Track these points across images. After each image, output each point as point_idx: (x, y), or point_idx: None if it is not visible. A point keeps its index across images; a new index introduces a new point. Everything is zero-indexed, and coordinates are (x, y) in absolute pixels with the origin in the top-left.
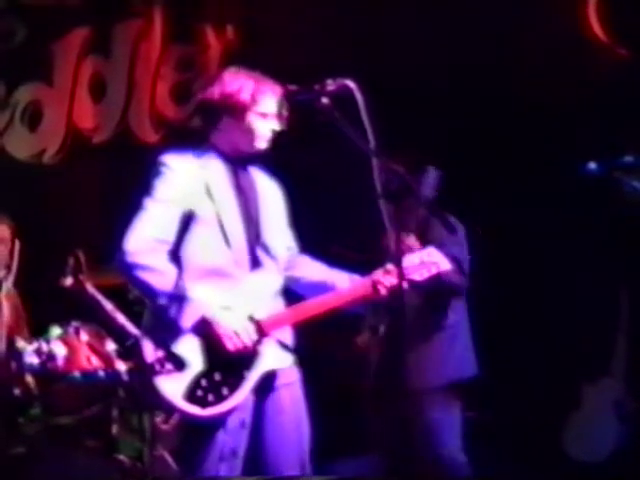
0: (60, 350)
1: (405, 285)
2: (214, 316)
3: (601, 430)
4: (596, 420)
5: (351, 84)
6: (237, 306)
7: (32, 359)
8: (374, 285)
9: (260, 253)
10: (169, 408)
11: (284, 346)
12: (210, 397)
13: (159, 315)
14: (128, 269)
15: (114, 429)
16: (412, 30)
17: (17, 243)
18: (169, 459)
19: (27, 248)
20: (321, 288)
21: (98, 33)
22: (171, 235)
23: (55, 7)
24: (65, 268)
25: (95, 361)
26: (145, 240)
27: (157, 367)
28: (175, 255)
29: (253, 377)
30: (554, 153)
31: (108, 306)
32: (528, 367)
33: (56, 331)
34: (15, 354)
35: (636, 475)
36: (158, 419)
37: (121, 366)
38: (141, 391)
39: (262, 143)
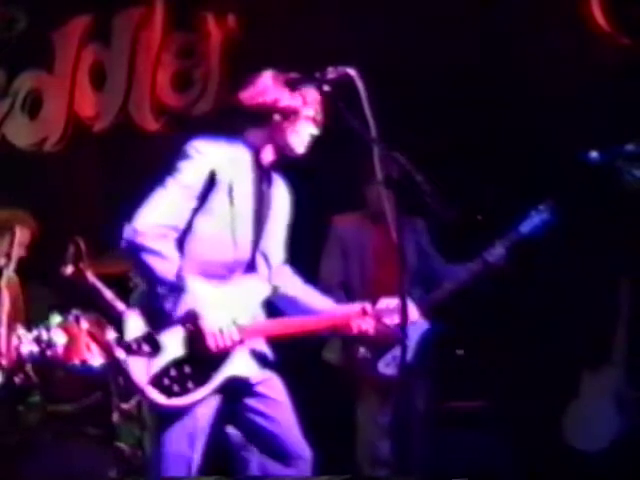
0: (60, 338)
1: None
2: (202, 311)
3: (601, 419)
4: (596, 409)
5: (352, 72)
6: (225, 305)
7: (32, 347)
8: (350, 321)
9: (258, 259)
10: (133, 389)
11: (258, 356)
12: (175, 388)
13: (151, 299)
14: (135, 250)
15: (114, 417)
16: (414, 19)
17: (17, 231)
18: None
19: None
20: (304, 310)
21: (99, 21)
22: (182, 222)
23: None
24: (66, 256)
25: (95, 349)
26: (157, 224)
27: (134, 346)
28: (180, 242)
29: (219, 378)
30: (556, 142)
31: (108, 294)
32: (528, 355)
33: (56, 319)
34: (15, 342)
35: (636, 464)
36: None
37: (121, 354)
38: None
39: (302, 148)
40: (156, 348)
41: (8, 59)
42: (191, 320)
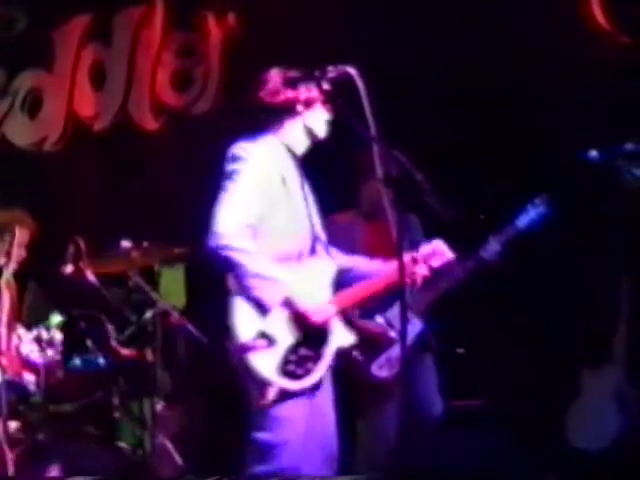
0: (60, 337)
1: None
2: (294, 294)
3: (602, 417)
4: (597, 407)
5: (352, 71)
6: (307, 287)
7: (32, 346)
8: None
9: (317, 242)
10: (264, 383)
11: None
12: (299, 371)
13: (246, 292)
14: (222, 251)
15: (115, 416)
16: (413, 18)
17: (17, 231)
18: (170, 446)
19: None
20: (362, 277)
21: (99, 20)
22: (255, 219)
23: None
24: (65, 255)
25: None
26: (236, 224)
27: (251, 345)
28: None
29: (330, 352)
30: (555, 140)
31: (108, 294)
32: (529, 354)
33: (56, 318)
34: (15, 341)
35: (637, 462)
36: (159, 406)
37: (121, 354)
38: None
39: (323, 132)
40: (270, 341)
41: (8, 58)
42: (288, 305)
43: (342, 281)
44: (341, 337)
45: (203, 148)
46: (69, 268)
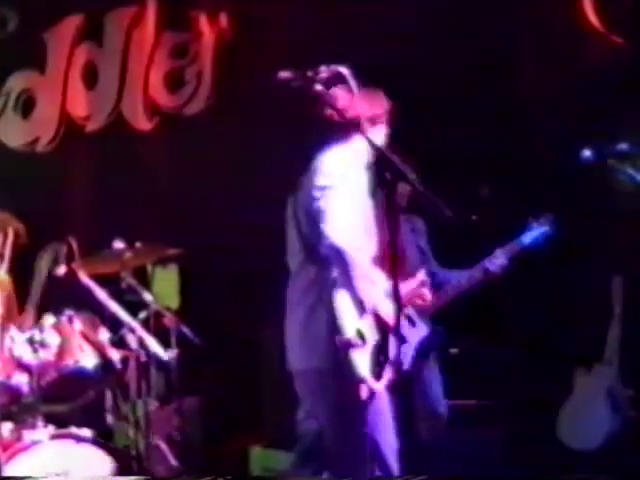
0: (53, 338)
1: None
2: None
3: (594, 417)
4: (589, 407)
5: (344, 70)
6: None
7: (25, 347)
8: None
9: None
10: (359, 381)
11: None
12: (382, 372)
13: (352, 293)
14: (337, 248)
15: (108, 418)
16: (408, 18)
17: (10, 231)
18: (164, 447)
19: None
20: None
21: (91, 21)
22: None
23: None
24: (58, 256)
25: (88, 350)
26: (348, 226)
27: (352, 342)
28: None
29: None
30: (549, 141)
31: (101, 295)
32: (523, 354)
33: (49, 319)
34: (8, 342)
35: (628, 461)
36: (152, 407)
37: (114, 355)
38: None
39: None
40: (364, 340)
41: (0, 59)
42: (376, 308)
43: None
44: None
45: (196, 148)
46: (62, 269)
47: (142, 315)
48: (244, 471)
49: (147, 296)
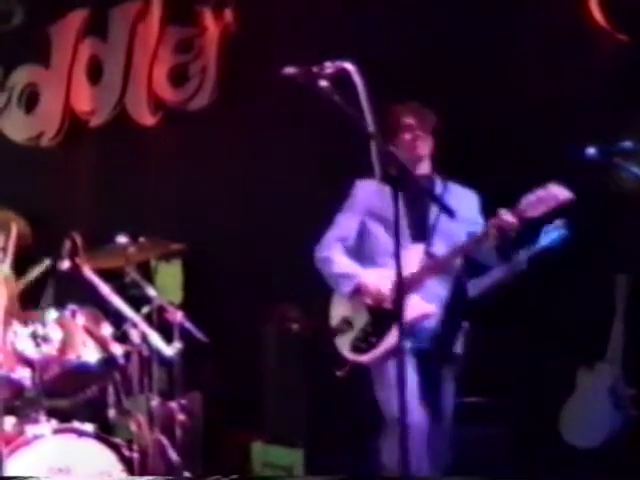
0: (56, 333)
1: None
2: (365, 279)
3: (596, 415)
4: (591, 405)
5: (349, 67)
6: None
7: (28, 342)
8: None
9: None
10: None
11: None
12: (363, 345)
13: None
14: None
15: (110, 412)
16: (411, 13)
17: (13, 228)
18: (165, 442)
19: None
20: None
21: (96, 15)
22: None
23: None
24: (62, 251)
25: (91, 344)
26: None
27: (336, 329)
28: None
29: (394, 328)
30: (554, 138)
31: (105, 289)
32: (525, 352)
33: (52, 314)
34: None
35: (630, 460)
36: (154, 403)
37: (117, 349)
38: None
39: None
40: (350, 324)
41: (5, 53)
42: (359, 292)
43: None
44: (412, 312)
45: (200, 144)
46: (66, 263)
47: (145, 310)
48: (245, 466)
49: (151, 291)
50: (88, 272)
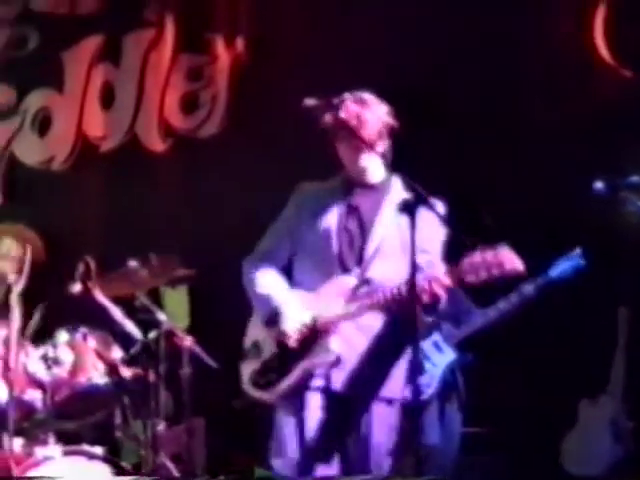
0: (67, 356)
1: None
2: (281, 312)
3: (597, 447)
4: (593, 437)
5: (368, 97)
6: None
7: (39, 364)
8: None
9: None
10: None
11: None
12: (261, 381)
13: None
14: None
15: (117, 435)
16: (422, 47)
17: (28, 249)
18: (170, 466)
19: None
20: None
21: (110, 42)
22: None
23: (68, 15)
24: (74, 275)
25: (101, 368)
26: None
27: (248, 350)
28: None
29: (301, 367)
30: (560, 172)
31: (116, 313)
32: (527, 383)
33: (63, 337)
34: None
35: None
36: (160, 427)
37: (126, 373)
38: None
39: None
40: (259, 351)
41: (19, 78)
42: (273, 321)
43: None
44: (321, 355)
45: (209, 171)
46: (77, 287)
47: (152, 334)
48: None
49: (160, 315)
50: (100, 296)
